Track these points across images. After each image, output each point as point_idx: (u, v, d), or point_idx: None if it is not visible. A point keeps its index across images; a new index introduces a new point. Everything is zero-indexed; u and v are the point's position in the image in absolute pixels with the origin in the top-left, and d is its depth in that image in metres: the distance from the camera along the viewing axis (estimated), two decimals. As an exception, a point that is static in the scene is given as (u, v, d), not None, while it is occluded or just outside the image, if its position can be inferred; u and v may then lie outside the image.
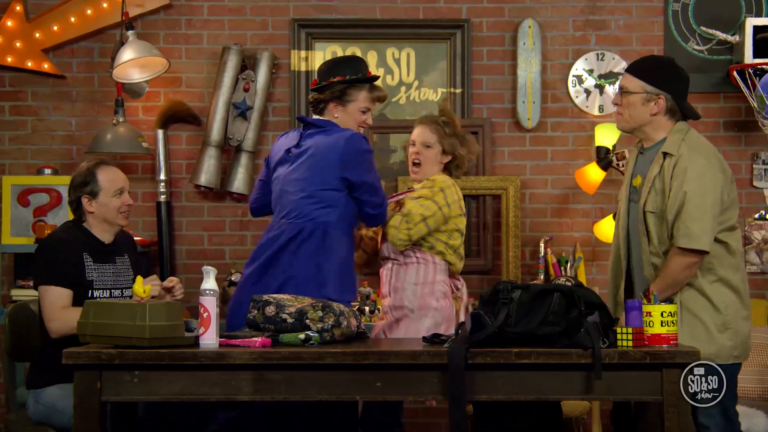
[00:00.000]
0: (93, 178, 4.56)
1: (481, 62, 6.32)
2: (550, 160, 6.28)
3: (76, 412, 3.64)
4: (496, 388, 3.65)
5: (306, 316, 3.83)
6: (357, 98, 4.50)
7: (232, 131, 6.18)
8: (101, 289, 4.52)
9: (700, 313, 4.17)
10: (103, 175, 4.57)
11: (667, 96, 4.26)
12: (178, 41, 6.32)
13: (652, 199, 4.21)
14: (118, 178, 4.62)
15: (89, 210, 4.56)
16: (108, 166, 4.64)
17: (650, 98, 4.26)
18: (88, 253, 4.51)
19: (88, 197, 4.55)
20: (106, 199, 4.55)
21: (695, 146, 4.22)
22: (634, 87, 4.28)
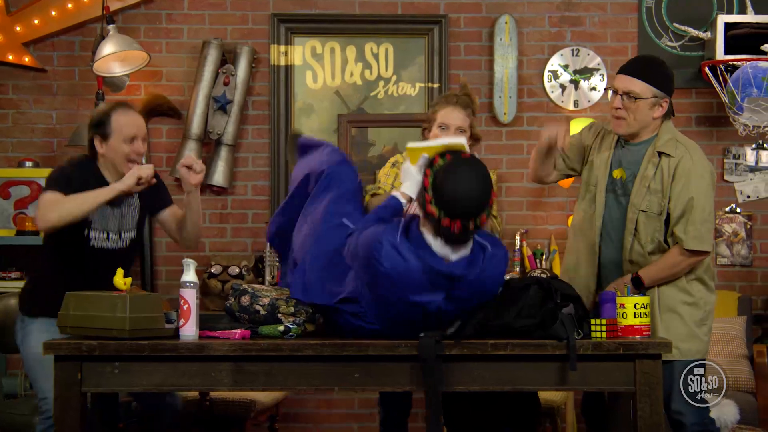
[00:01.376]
0: (107, 120, 4.35)
1: (459, 57, 6.38)
2: (526, 154, 6.34)
3: (57, 404, 3.66)
4: (472, 379, 3.69)
5: (278, 310, 3.88)
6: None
7: (212, 125, 6.22)
8: (98, 230, 4.35)
9: (680, 309, 4.20)
10: (117, 118, 4.36)
11: (670, 99, 4.26)
12: (159, 35, 6.35)
13: (648, 199, 4.18)
14: (132, 124, 4.39)
15: (100, 152, 4.37)
16: (126, 110, 4.43)
17: (657, 102, 4.21)
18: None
19: (100, 138, 4.36)
20: (116, 144, 4.33)
21: (692, 148, 4.24)
22: (644, 92, 4.20)
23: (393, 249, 3.51)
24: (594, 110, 6.35)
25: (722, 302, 5.92)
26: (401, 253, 3.51)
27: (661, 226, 4.19)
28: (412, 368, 3.65)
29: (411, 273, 3.52)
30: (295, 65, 6.35)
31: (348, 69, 6.36)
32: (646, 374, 3.67)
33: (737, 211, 6.36)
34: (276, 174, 6.30)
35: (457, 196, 3.46)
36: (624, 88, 4.23)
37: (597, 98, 6.35)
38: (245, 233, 6.35)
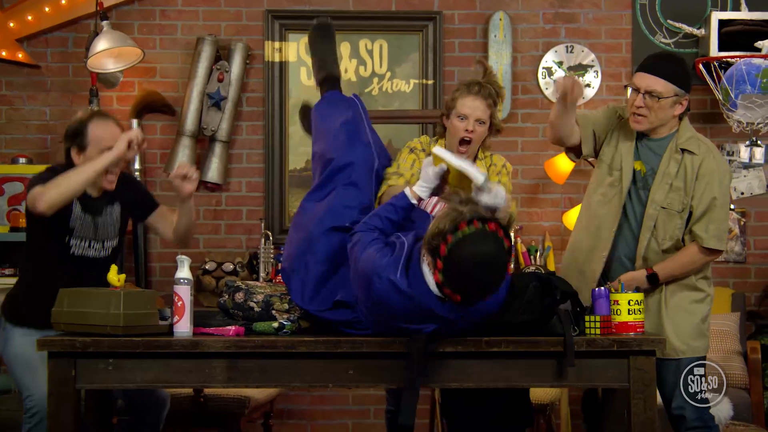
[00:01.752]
0: (84, 130, 4.26)
1: (453, 54, 6.38)
2: (520, 151, 6.35)
3: (50, 400, 3.66)
4: (467, 376, 3.70)
5: (272, 307, 3.88)
6: None
7: (206, 121, 6.21)
8: (79, 238, 4.29)
9: (690, 306, 4.22)
10: (94, 128, 4.26)
11: (688, 96, 4.23)
12: (153, 32, 6.34)
13: (670, 196, 4.17)
14: (109, 134, 4.25)
15: (77, 163, 4.26)
16: (103, 120, 4.33)
17: (678, 100, 4.18)
18: (78, 199, 4.27)
19: (77, 149, 4.27)
20: (93, 156, 4.21)
21: (713, 147, 4.25)
22: (668, 91, 4.16)
23: (391, 285, 3.50)
24: (588, 107, 6.35)
25: (716, 299, 5.91)
26: (399, 290, 3.50)
27: (681, 223, 4.18)
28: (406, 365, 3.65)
29: (404, 308, 3.52)
30: (290, 61, 6.34)
31: (342, 65, 6.35)
32: (640, 371, 3.68)
33: (731, 207, 6.35)
34: (270, 170, 6.29)
35: (468, 281, 3.40)
36: (647, 87, 4.17)
37: (591, 95, 6.36)
38: (239, 230, 6.34)
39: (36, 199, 4.06)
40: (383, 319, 3.64)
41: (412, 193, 3.83)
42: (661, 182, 4.20)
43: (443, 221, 3.41)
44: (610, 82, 6.38)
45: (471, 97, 4.17)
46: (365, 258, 3.61)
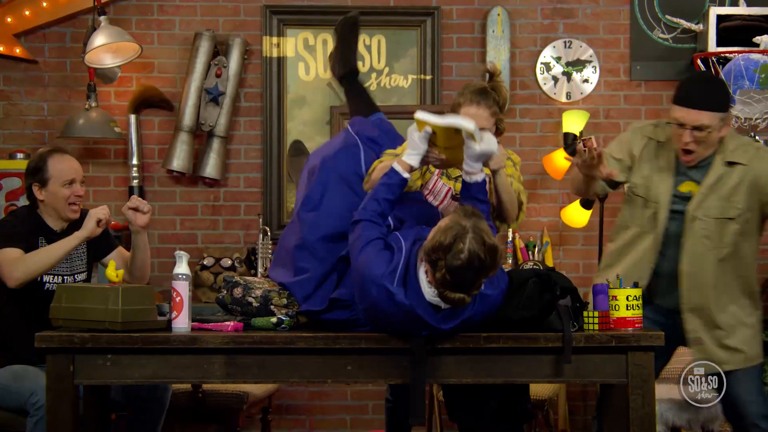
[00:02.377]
0: (44, 166, 4.46)
1: (451, 49, 6.37)
2: (518, 146, 6.34)
3: (49, 396, 3.67)
4: (465, 372, 3.71)
5: (271, 302, 3.88)
6: None
7: (204, 117, 6.20)
8: (53, 275, 4.43)
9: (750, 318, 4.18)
10: (54, 163, 4.47)
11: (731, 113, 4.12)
12: (151, 27, 6.33)
13: (720, 205, 4.09)
14: (69, 168, 4.50)
15: (39, 198, 4.47)
16: (61, 155, 4.54)
17: (725, 122, 4.08)
18: (43, 237, 4.46)
19: (38, 185, 4.45)
20: (55, 189, 4.44)
21: (761, 147, 4.21)
22: (714, 121, 4.02)
23: (388, 295, 3.53)
24: (586, 102, 6.35)
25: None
26: (395, 301, 3.53)
27: (738, 228, 4.09)
28: (404, 361, 3.66)
29: (399, 316, 3.56)
30: (288, 57, 6.33)
31: (340, 61, 6.35)
32: (638, 366, 3.69)
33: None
34: (268, 166, 6.29)
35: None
36: (693, 122, 4.02)
37: (589, 90, 6.35)
38: (237, 225, 6.34)
39: (5, 276, 4.28)
40: (378, 321, 3.67)
41: (402, 165, 3.78)
42: (708, 195, 4.09)
43: (445, 235, 3.44)
44: (609, 78, 6.38)
45: (474, 106, 4.07)
46: (363, 260, 3.61)
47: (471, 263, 3.41)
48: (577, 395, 6.28)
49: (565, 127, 6.13)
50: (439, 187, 4.21)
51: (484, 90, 4.12)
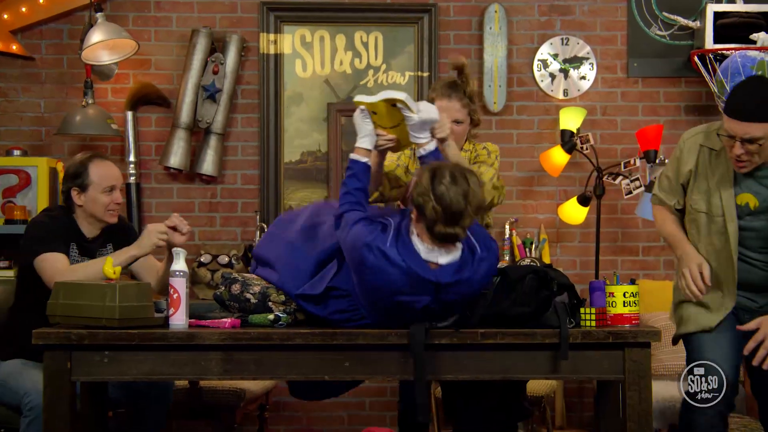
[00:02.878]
0: (85, 171, 4.46)
1: (448, 46, 6.37)
2: (515, 143, 6.35)
3: (46, 392, 3.67)
4: (462, 368, 3.71)
5: (269, 298, 3.88)
6: None
7: (201, 113, 6.20)
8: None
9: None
10: (95, 169, 4.47)
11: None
12: (148, 23, 6.33)
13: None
14: (111, 175, 4.51)
15: (78, 203, 4.47)
16: (102, 161, 4.54)
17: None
18: (75, 244, 4.47)
19: (78, 190, 4.45)
20: (95, 195, 4.44)
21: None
22: (766, 131, 3.81)
23: (381, 255, 3.58)
24: (584, 99, 6.36)
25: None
26: (389, 259, 3.58)
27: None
28: (401, 357, 3.67)
29: (397, 278, 3.59)
30: (285, 54, 6.33)
31: (337, 57, 6.35)
32: (635, 362, 3.69)
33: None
34: (265, 163, 6.29)
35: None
36: (743, 135, 3.82)
37: (587, 87, 6.36)
38: (235, 222, 6.34)
39: (50, 283, 4.16)
40: (378, 297, 3.67)
41: (358, 152, 3.95)
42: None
43: (423, 176, 3.60)
44: (606, 75, 6.39)
45: (446, 99, 4.29)
46: (354, 233, 3.67)
47: (455, 183, 3.54)
48: (574, 392, 6.29)
49: (563, 124, 6.13)
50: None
51: (454, 83, 4.35)
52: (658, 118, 6.34)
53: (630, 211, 6.28)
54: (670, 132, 6.27)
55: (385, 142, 4.01)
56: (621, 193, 6.15)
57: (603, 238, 6.19)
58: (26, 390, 4.24)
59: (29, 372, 4.32)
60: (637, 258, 6.39)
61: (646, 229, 6.33)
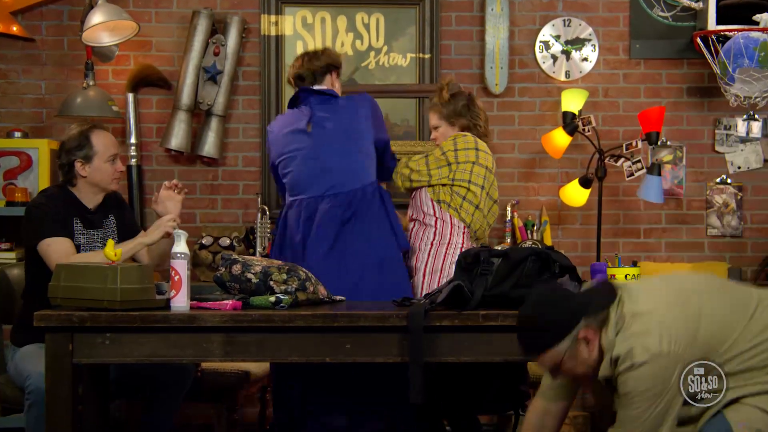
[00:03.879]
0: (87, 142, 4.50)
1: (450, 28, 6.35)
2: (517, 125, 6.34)
3: (48, 374, 3.68)
4: (463, 350, 3.72)
5: (270, 278, 3.88)
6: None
7: (202, 95, 6.19)
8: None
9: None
10: (97, 139, 4.52)
11: None
12: (148, 5, 6.31)
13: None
14: (113, 144, 4.59)
15: (82, 174, 4.50)
16: (101, 131, 4.60)
17: None
18: (78, 218, 4.49)
19: (82, 161, 4.49)
20: (100, 164, 4.50)
21: None
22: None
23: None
24: (585, 81, 6.34)
25: (713, 271, 5.95)
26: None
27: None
28: (402, 339, 3.67)
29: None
30: (286, 35, 6.31)
31: (339, 39, 6.33)
32: (636, 345, 3.68)
33: (728, 182, 6.36)
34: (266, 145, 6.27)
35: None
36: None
37: (588, 69, 6.34)
38: (236, 204, 6.34)
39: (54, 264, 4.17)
40: None
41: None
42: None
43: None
44: (608, 56, 6.37)
45: (430, 113, 5.03)
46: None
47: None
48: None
49: (564, 106, 6.12)
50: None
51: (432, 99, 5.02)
52: (660, 99, 6.32)
53: (632, 193, 6.27)
54: (672, 114, 6.26)
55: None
56: (623, 175, 6.14)
57: (605, 220, 6.18)
58: (28, 372, 4.25)
59: (39, 357, 4.31)
60: (639, 240, 6.38)
61: (648, 211, 6.33)
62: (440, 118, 4.89)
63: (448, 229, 4.66)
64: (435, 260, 4.63)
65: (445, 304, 3.72)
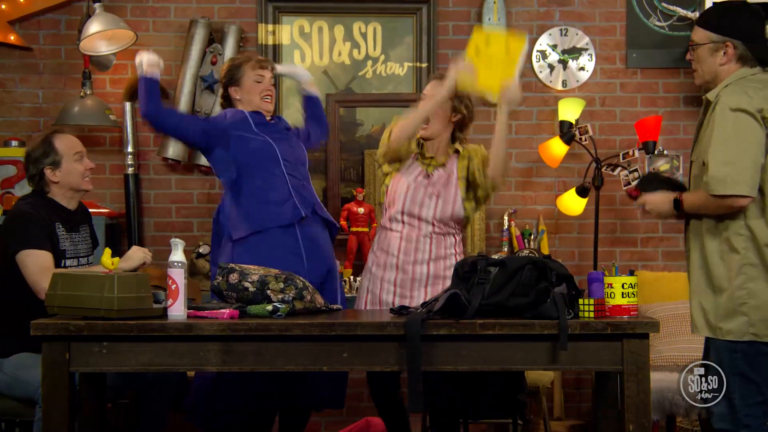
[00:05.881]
0: (51, 148, 4.55)
1: (447, 37, 6.36)
2: (514, 134, 6.34)
3: (45, 383, 3.67)
4: (461, 359, 3.72)
5: (267, 287, 3.88)
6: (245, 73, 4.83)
7: (199, 104, 6.19)
8: (72, 258, 4.55)
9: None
10: (60, 143, 4.58)
11: (735, 42, 3.88)
12: (146, 14, 6.32)
13: (698, 148, 3.93)
14: (76, 143, 4.64)
15: (53, 180, 4.55)
16: (63, 134, 4.67)
17: (717, 48, 3.90)
18: (60, 222, 4.52)
19: (51, 168, 4.54)
20: (69, 166, 4.56)
21: (729, 90, 3.83)
22: (700, 38, 3.93)
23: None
24: (582, 90, 6.35)
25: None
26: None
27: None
28: (400, 347, 3.67)
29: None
30: (283, 44, 6.32)
31: (336, 48, 6.34)
32: (634, 353, 3.70)
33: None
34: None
35: None
36: (691, 38, 4.02)
37: (585, 78, 6.35)
38: (233, 213, 6.32)
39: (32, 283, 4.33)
40: None
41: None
42: (695, 136, 4.01)
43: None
44: (605, 66, 6.38)
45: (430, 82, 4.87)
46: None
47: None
48: (572, 383, 6.29)
49: (561, 115, 6.12)
50: (413, 166, 4.65)
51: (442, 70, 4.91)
52: (656, 109, 6.33)
53: (628, 202, 6.26)
54: (669, 123, 6.27)
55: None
56: (620, 184, 6.14)
57: (601, 229, 6.19)
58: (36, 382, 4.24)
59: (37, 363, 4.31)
60: (636, 249, 6.39)
61: (645, 220, 6.33)
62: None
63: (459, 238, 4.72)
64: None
65: (442, 313, 3.72)
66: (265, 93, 4.82)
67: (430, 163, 4.63)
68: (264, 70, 4.82)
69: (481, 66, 4.38)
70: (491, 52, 4.36)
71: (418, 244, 4.53)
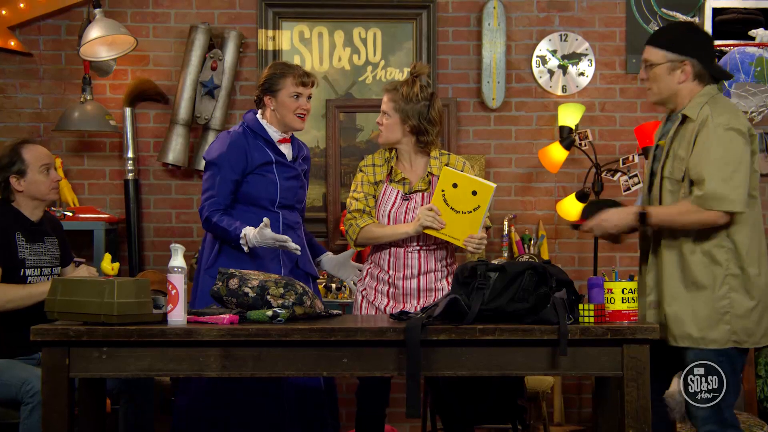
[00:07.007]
0: (19, 157, 4.58)
1: (447, 42, 6.37)
2: (514, 140, 6.35)
3: (45, 389, 3.67)
4: (461, 364, 3.71)
5: (267, 292, 3.88)
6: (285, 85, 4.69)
7: (199, 110, 6.19)
8: (33, 268, 4.55)
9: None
10: (27, 153, 4.60)
11: (692, 61, 4.02)
12: (146, 19, 6.32)
13: (672, 164, 3.98)
14: (44, 154, 4.65)
15: (18, 189, 4.57)
16: (32, 144, 4.68)
17: (675, 66, 4.02)
18: (20, 232, 4.53)
19: (17, 176, 4.56)
20: (34, 176, 4.57)
21: (718, 109, 3.95)
22: (657, 58, 4.05)
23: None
24: (582, 95, 6.36)
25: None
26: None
27: (686, 193, 3.95)
28: (399, 353, 3.67)
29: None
30: (283, 50, 6.33)
31: (336, 54, 6.35)
32: (634, 359, 3.69)
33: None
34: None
35: None
36: (643, 58, 4.13)
37: (585, 83, 6.35)
38: (233, 218, 6.32)
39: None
40: None
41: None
42: (665, 152, 4.04)
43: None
44: (604, 71, 6.39)
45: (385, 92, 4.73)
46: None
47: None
48: (572, 388, 6.29)
49: (561, 121, 6.13)
50: (389, 192, 4.58)
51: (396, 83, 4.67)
52: (656, 114, 6.33)
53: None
54: (669, 128, 6.27)
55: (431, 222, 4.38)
56: (619, 189, 6.15)
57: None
58: (24, 378, 4.26)
59: (20, 365, 4.34)
60: (636, 254, 6.33)
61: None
62: (395, 110, 4.58)
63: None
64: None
65: (441, 318, 3.72)
66: (300, 111, 4.70)
67: (403, 182, 4.59)
68: (304, 87, 4.68)
69: (446, 212, 4.37)
70: (459, 195, 4.37)
71: (406, 260, 4.54)
